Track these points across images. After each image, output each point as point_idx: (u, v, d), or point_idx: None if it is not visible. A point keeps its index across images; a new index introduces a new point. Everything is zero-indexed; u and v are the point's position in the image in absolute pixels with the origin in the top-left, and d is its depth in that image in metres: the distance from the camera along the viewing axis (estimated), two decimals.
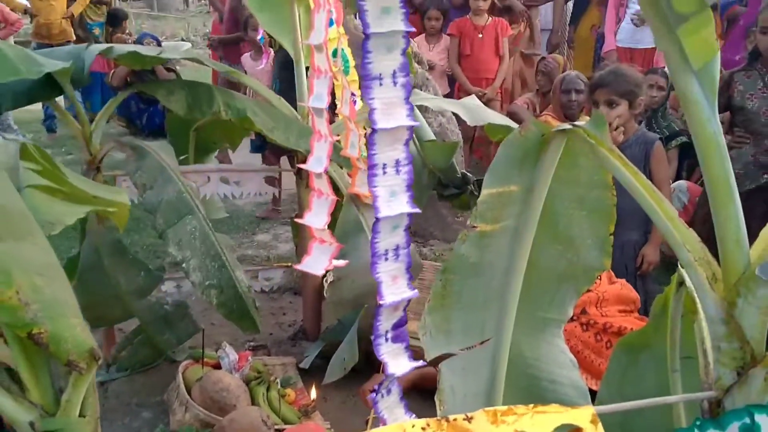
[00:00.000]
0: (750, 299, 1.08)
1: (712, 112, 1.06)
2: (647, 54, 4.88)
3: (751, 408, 1.10)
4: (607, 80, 2.83)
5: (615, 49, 4.95)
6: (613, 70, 2.97)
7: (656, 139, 2.92)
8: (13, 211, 1.11)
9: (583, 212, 1.39)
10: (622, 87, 2.76)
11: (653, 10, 1.02)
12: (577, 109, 3.83)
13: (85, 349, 1.04)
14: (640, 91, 2.78)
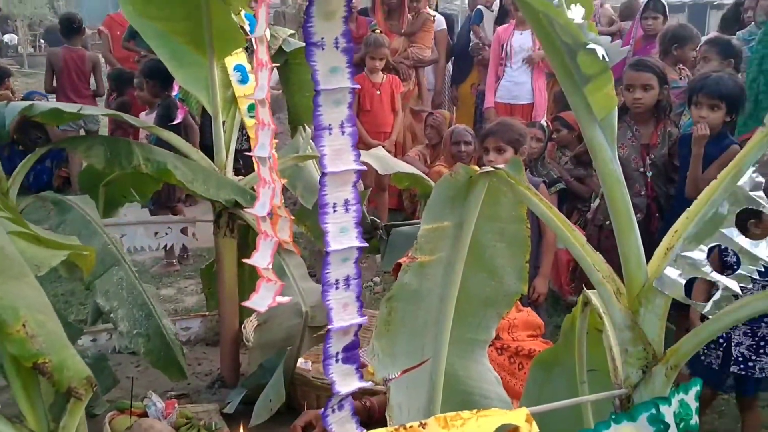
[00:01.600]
0: (650, 308, 1.31)
1: (613, 154, 1.29)
2: (525, 109, 5.33)
3: (656, 400, 1.30)
4: (496, 130, 3.17)
5: (493, 106, 5.38)
6: (501, 121, 3.36)
7: (540, 181, 3.32)
8: (9, 254, 1.17)
9: (503, 244, 1.59)
10: (509, 135, 3.09)
11: (563, 71, 1.24)
12: (467, 158, 4.16)
13: (83, 376, 1.11)
14: (524, 140, 3.13)
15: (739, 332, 2.55)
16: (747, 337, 2.53)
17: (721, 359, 2.57)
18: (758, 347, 2.53)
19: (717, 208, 1.27)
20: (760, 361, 2.52)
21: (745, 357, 2.54)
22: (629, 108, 3.31)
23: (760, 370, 2.53)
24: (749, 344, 2.53)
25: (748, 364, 2.53)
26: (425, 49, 5.54)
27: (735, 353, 2.54)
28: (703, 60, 3.81)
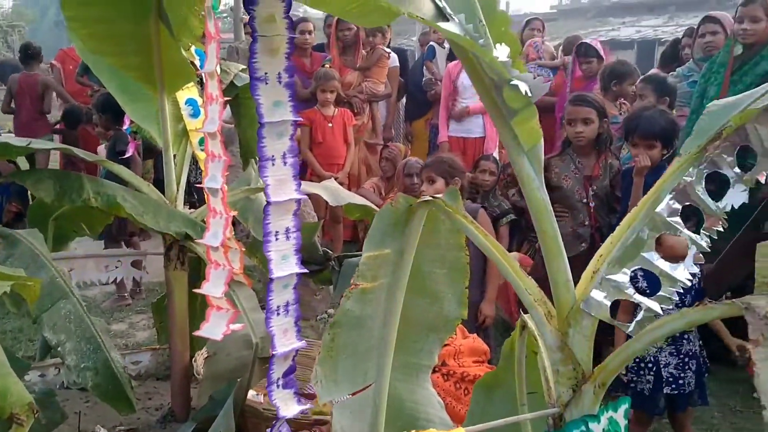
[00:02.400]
0: (578, 329, 1.37)
1: (540, 183, 1.36)
2: (477, 143, 5.47)
3: (586, 418, 1.36)
4: (430, 163, 3.48)
5: (447, 140, 5.50)
6: (437, 156, 3.71)
7: (479, 207, 3.50)
8: None
9: (444, 270, 1.65)
10: (440, 168, 3.32)
11: (492, 106, 1.32)
12: (418, 190, 4.26)
13: (25, 402, 1.12)
14: (456, 173, 3.32)
15: (665, 353, 2.66)
16: (673, 357, 2.65)
17: (652, 383, 2.66)
18: (684, 364, 2.64)
19: (638, 233, 1.35)
20: (686, 376, 2.63)
21: (675, 376, 2.65)
22: (572, 141, 3.44)
23: (687, 385, 2.64)
24: (676, 363, 2.64)
25: (678, 382, 2.64)
26: (379, 84, 5.65)
27: (665, 374, 2.64)
28: (639, 97, 3.99)
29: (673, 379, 2.64)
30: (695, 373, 2.66)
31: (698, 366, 2.68)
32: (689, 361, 2.66)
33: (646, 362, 2.67)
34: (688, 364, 2.65)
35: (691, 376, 2.65)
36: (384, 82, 5.70)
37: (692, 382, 2.65)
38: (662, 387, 2.65)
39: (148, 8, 2.35)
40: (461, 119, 5.45)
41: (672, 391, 2.64)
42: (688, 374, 2.65)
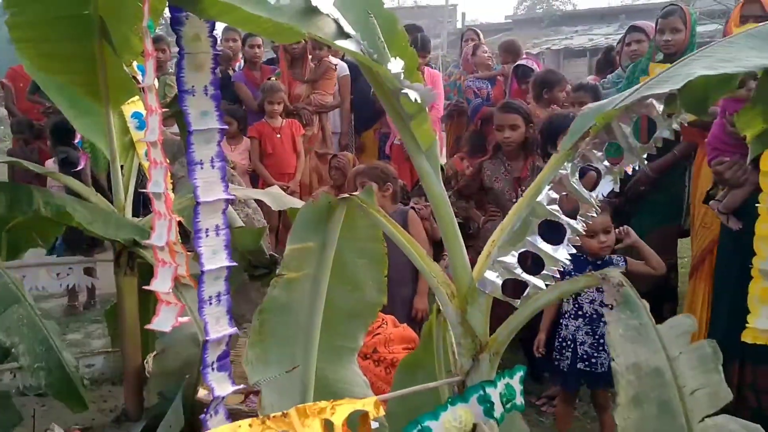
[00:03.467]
0: (475, 305, 1.55)
1: (438, 178, 1.55)
2: None
3: (484, 383, 1.55)
4: (364, 170, 3.73)
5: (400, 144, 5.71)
6: (370, 163, 4.04)
7: (409, 209, 3.70)
8: None
9: (364, 260, 1.83)
10: (373, 174, 3.55)
11: (392, 111, 1.50)
12: None
13: None
14: (388, 179, 3.56)
15: (581, 332, 2.89)
16: (589, 336, 2.87)
17: (569, 360, 2.89)
18: (599, 344, 2.87)
19: (523, 220, 1.54)
20: (600, 357, 2.86)
21: (589, 354, 2.88)
22: (501, 146, 3.67)
23: (600, 365, 2.87)
24: (591, 342, 2.87)
25: (591, 360, 2.86)
26: (327, 96, 5.83)
27: (580, 352, 2.87)
28: (579, 104, 4.23)
29: (587, 356, 2.87)
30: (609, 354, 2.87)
31: None
32: (604, 342, 2.88)
33: (567, 341, 2.91)
34: (603, 345, 2.87)
35: (605, 356, 2.87)
36: (332, 93, 5.88)
37: (606, 363, 2.87)
38: (577, 363, 2.88)
39: (92, 28, 2.49)
40: None
41: (585, 367, 2.87)
42: (603, 355, 2.87)
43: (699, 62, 1.40)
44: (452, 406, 1.50)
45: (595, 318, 2.92)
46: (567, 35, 33.56)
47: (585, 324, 2.94)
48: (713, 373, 1.34)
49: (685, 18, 3.89)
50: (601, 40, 30.77)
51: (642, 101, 1.46)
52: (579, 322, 2.95)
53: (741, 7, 3.27)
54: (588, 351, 2.91)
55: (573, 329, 2.96)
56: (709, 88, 1.48)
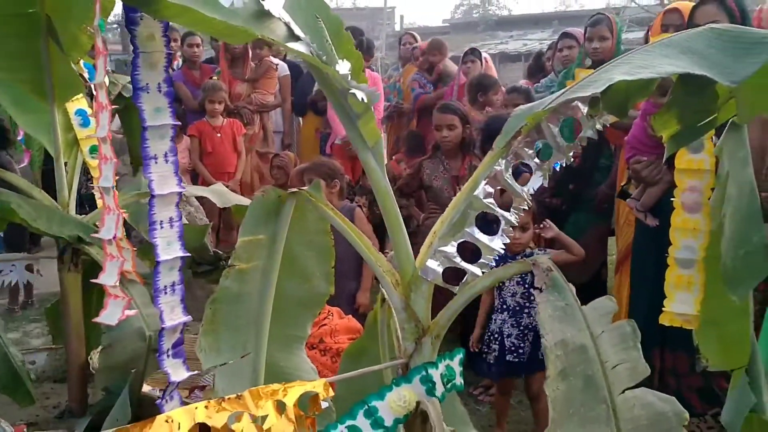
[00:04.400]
0: (418, 292, 1.66)
1: (383, 173, 1.65)
2: None
3: (426, 365, 1.66)
4: (311, 167, 3.79)
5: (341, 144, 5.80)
6: (317, 160, 4.10)
7: (356, 206, 3.80)
8: None
9: (312, 253, 1.91)
10: (320, 171, 3.62)
11: (341, 110, 1.60)
12: None
13: None
14: (335, 175, 3.65)
15: (507, 325, 3.05)
16: (514, 329, 3.04)
17: (497, 352, 3.05)
18: (523, 335, 3.03)
19: (461, 213, 1.66)
20: (524, 346, 3.03)
21: (516, 345, 3.04)
22: (440, 145, 3.81)
23: (526, 354, 3.03)
24: (516, 334, 3.03)
25: (518, 351, 3.02)
26: (268, 95, 5.87)
27: (507, 344, 3.03)
28: (513, 105, 4.41)
29: (514, 348, 3.03)
30: (533, 344, 3.04)
31: (536, 338, 3.05)
32: (528, 333, 3.05)
33: (494, 335, 3.07)
34: (527, 336, 3.04)
35: (529, 346, 3.04)
36: (273, 93, 5.92)
37: (529, 351, 3.04)
38: (506, 355, 3.04)
39: (38, 27, 2.50)
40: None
41: (514, 358, 3.03)
42: (526, 344, 3.04)
43: (619, 68, 1.54)
44: (397, 387, 1.61)
45: (518, 310, 3.08)
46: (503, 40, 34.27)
47: (509, 317, 3.09)
48: (632, 350, 1.48)
49: (612, 27, 4.11)
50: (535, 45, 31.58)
51: (568, 103, 1.59)
52: (504, 316, 3.11)
53: (662, 16, 3.50)
54: (515, 342, 3.06)
55: (500, 323, 3.11)
56: (629, 92, 1.62)
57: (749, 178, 1.69)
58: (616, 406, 1.41)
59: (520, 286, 3.05)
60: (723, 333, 1.82)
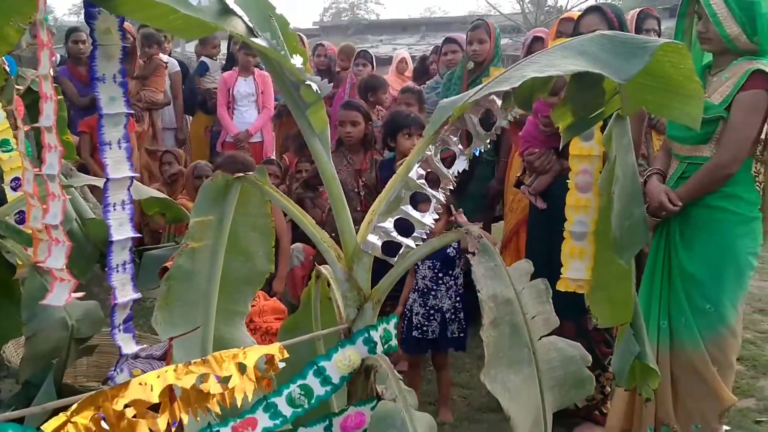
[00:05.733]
0: (360, 264, 1.85)
1: (329, 158, 1.84)
2: (256, 147, 5.87)
3: (368, 327, 1.86)
4: (223, 162, 3.95)
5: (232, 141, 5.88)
6: (229, 155, 4.28)
7: None
8: None
9: (255, 233, 2.06)
10: (234, 167, 3.69)
11: (291, 100, 1.77)
12: None
13: None
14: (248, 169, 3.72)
15: (417, 305, 3.33)
16: (422, 308, 3.33)
17: (405, 327, 3.33)
18: (429, 315, 3.32)
19: (398, 193, 1.88)
20: (431, 325, 3.32)
21: (421, 323, 3.33)
22: (343, 140, 4.03)
23: (432, 333, 3.33)
24: (423, 313, 3.33)
25: (423, 329, 3.31)
26: (158, 93, 5.85)
27: (415, 321, 3.31)
28: (406, 104, 4.70)
29: (420, 325, 3.32)
30: (440, 324, 3.34)
31: (443, 320, 3.35)
32: (434, 314, 3.34)
33: (405, 312, 3.33)
34: (433, 316, 3.33)
35: (436, 326, 3.33)
36: (162, 90, 5.91)
37: (436, 330, 3.33)
38: (412, 331, 3.31)
39: None
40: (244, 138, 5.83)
41: (418, 335, 3.31)
42: (433, 324, 3.33)
43: (530, 67, 1.81)
44: (342, 348, 1.81)
45: (426, 292, 3.35)
46: (372, 44, 34.95)
47: (419, 297, 3.36)
48: (546, 304, 1.77)
49: (490, 31, 4.50)
50: (404, 49, 32.51)
51: (487, 97, 1.84)
52: (414, 296, 3.38)
53: (558, 24, 3.91)
54: (421, 321, 3.34)
55: (410, 302, 3.38)
56: (533, 89, 1.91)
57: (632, 162, 2.02)
58: (536, 350, 1.69)
59: (431, 270, 3.32)
60: (610, 294, 2.14)
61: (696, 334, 2.68)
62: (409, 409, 1.54)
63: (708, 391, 2.71)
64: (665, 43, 1.69)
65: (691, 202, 2.65)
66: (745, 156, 2.60)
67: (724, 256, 2.65)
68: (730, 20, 2.58)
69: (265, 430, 1.71)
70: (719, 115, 2.58)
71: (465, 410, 3.48)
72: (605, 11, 3.17)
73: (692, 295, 2.68)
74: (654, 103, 1.92)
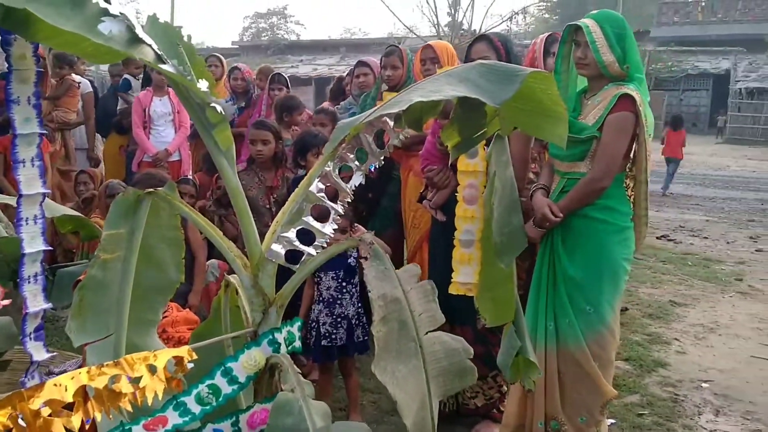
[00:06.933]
0: (264, 272, 2.00)
1: (233, 173, 1.99)
2: (174, 166, 5.94)
3: (272, 330, 2.01)
4: (140, 179, 4.04)
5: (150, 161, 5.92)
6: (145, 173, 4.34)
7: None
8: None
9: (166, 245, 2.19)
10: (150, 183, 3.80)
11: (198, 121, 1.92)
12: None
13: None
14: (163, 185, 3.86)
15: (323, 315, 3.50)
16: (328, 317, 3.50)
17: (314, 337, 3.49)
18: (336, 323, 3.50)
19: (299, 205, 2.05)
20: (338, 332, 3.50)
21: (329, 332, 3.50)
22: (255, 158, 4.17)
23: (340, 339, 3.50)
24: (330, 322, 3.50)
25: (331, 337, 3.49)
26: (70, 113, 5.84)
27: (323, 330, 3.48)
28: (321, 124, 4.89)
29: (328, 334, 3.49)
30: (347, 330, 3.52)
31: (350, 326, 3.53)
32: (341, 321, 3.51)
33: (313, 323, 3.50)
34: (340, 324, 3.51)
35: (343, 332, 3.51)
36: (75, 111, 5.90)
37: (344, 337, 3.51)
38: (322, 340, 3.49)
39: None
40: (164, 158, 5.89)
41: (328, 343, 3.48)
42: (340, 330, 3.50)
43: (416, 92, 2.02)
44: (248, 350, 1.95)
45: (332, 301, 3.52)
46: (293, 64, 35.12)
47: (325, 307, 3.53)
48: (432, 303, 1.98)
49: (403, 57, 4.74)
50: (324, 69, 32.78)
51: (379, 119, 2.05)
52: (320, 306, 3.54)
53: (421, 51, 4.18)
54: (329, 329, 3.50)
55: (317, 312, 3.54)
56: (423, 111, 2.12)
57: (510, 176, 2.26)
58: (422, 343, 1.89)
59: (335, 281, 3.50)
60: (495, 296, 2.36)
61: (579, 333, 2.95)
62: (306, 398, 1.70)
63: (591, 386, 2.98)
64: (534, 72, 1.93)
65: (571, 214, 2.93)
66: (616, 171, 2.90)
67: (602, 262, 2.94)
68: (606, 48, 2.89)
69: (175, 426, 1.83)
70: (593, 135, 2.88)
71: (374, 413, 3.65)
72: (492, 39, 3.46)
73: (574, 297, 2.95)
74: (527, 124, 2.17)
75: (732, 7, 35.20)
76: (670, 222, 10.18)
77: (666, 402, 3.89)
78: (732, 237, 9.15)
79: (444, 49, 4.02)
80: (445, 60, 3.87)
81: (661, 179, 13.16)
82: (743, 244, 8.72)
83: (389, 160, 4.13)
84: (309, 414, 1.66)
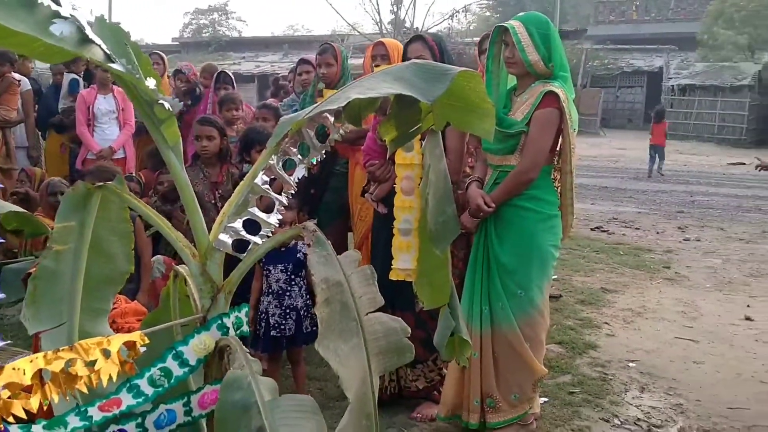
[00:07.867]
0: (213, 260, 2.10)
1: (181, 167, 2.09)
2: (119, 163, 5.92)
3: (221, 315, 2.12)
4: (92, 171, 4.11)
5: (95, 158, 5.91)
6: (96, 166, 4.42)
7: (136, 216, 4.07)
8: None
9: (115, 237, 2.27)
10: (102, 176, 3.85)
11: (147, 118, 2.02)
12: None
13: None
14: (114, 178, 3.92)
15: (272, 306, 3.62)
16: (278, 309, 3.62)
17: (264, 328, 3.61)
18: (285, 314, 3.62)
19: (245, 197, 2.17)
20: (287, 323, 3.62)
21: (278, 323, 3.61)
22: (199, 154, 4.25)
23: (289, 330, 3.62)
24: (279, 313, 3.61)
25: (280, 327, 3.61)
26: (11, 111, 5.78)
27: (272, 321, 3.60)
28: (263, 119, 4.98)
29: (277, 325, 3.61)
30: (296, 321, 3.63)
31: (298, 317, 3.65)
32: (290, 312, 3.63)
33: (262, 314, 3.61)
34: (289, 315, 3.62)
35: (292, 323, 3.62)
36: (16, 108, 5.84)
37: (293, 328, 3.62)
38: (271, 330, 3.60)
39: None
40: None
41: (276, 334, 3.60)
42: (289, 321, 3.62)
43: (354, 89, 2.15)
44: (198, 334, 2.06)
45: (281, 293, 3.63)
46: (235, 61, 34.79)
47: (274, 299, 3.64)
48: (372, 286, 2.11)
49: (336, 55, 4.82)
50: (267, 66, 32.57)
51: (320, 114, 2.18)
52: (270, 298, 3.65)
53: (372, 48, 4.32)
54: (278, 320, 3.61)
55: (266, 304, 3.65)
56: (361, 107, 2.26)
57: (443, 168, 2.42)
58: (363, 323, 2.02)
59: (284, 273, 3.61)
60: (431, 280, 2.52)
61: (511, 316, 3.15)
62: (254, 374, 1.83)
63: (523, 364, 3.19)
64: (463, 71, 2.09)
65: (502, 204, 3.13)
66: (542, 164, 3.10)
67: (531, 248, 3.14)
68: (532, 48, 3.09)
69: (129, 407, 1.94)
70: (521, 130, 3.07)
71: (320, 399, 3.78)
72: (426, 39, 3.63)
73: (506, 282, 3.15)
74: (457, 119, 2.33)
75: (665, 7, 36.52)
76: (604, 214, 10.59)
77: (595, 381, 4.14)
78: (661, 227, 9.59)
79: (394, 47, 4.16)
80: (394, 57, 4.01)
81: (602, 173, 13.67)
82: (672, 234, 9.15)
83: (331, 156, 4.27)
84: (258, 389, 1.78)
